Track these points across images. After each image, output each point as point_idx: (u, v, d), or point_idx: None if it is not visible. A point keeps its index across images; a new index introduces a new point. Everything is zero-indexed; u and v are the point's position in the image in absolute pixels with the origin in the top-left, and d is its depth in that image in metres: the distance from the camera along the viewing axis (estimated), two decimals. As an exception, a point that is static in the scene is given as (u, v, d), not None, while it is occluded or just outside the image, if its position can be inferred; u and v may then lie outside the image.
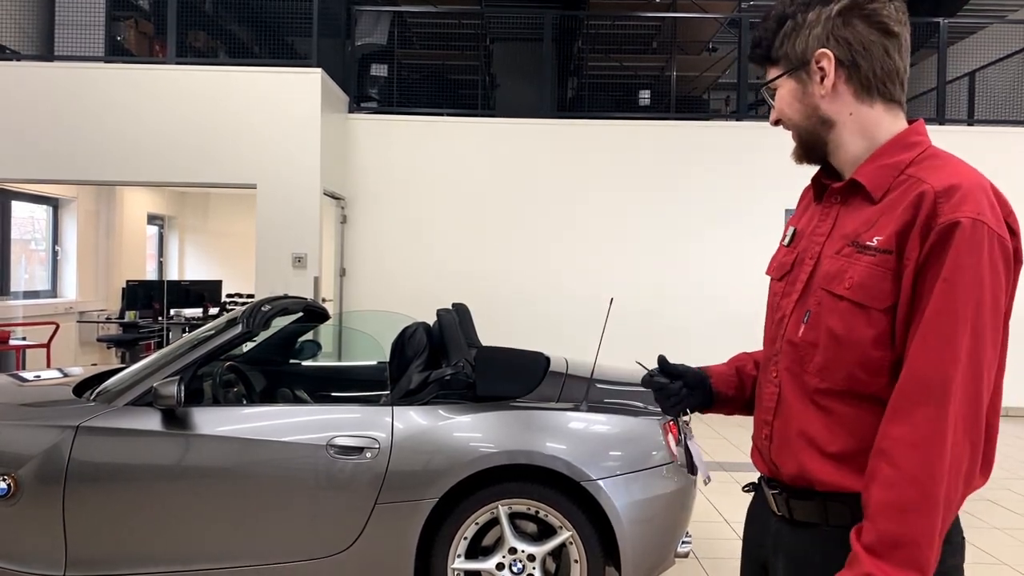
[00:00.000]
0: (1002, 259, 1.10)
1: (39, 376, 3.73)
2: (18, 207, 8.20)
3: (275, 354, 4.33)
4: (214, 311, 8.98)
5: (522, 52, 10.67)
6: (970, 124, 8.52)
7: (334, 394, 4.37)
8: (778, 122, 1.33)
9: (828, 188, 1.31)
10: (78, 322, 8.93)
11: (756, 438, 1.37)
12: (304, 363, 4.46)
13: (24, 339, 7.37)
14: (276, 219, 6.87)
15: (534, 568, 2.97)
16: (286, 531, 2.93)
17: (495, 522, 3.01)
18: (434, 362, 3.56)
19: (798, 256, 1.32)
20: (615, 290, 7.85)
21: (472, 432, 2.97)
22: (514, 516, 3.01)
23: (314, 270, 6.90)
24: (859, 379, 1.18)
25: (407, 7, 8.90)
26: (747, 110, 8.58)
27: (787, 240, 1.37)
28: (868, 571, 1.06)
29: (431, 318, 4.02)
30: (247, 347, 4.24)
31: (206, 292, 9.03)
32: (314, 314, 4.11)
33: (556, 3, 9.93)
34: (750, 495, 1.45)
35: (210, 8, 7.84)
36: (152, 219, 11.09)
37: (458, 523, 2.96)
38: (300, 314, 4.11)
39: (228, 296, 9.66)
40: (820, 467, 1.21)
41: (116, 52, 7.29)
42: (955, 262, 1.08)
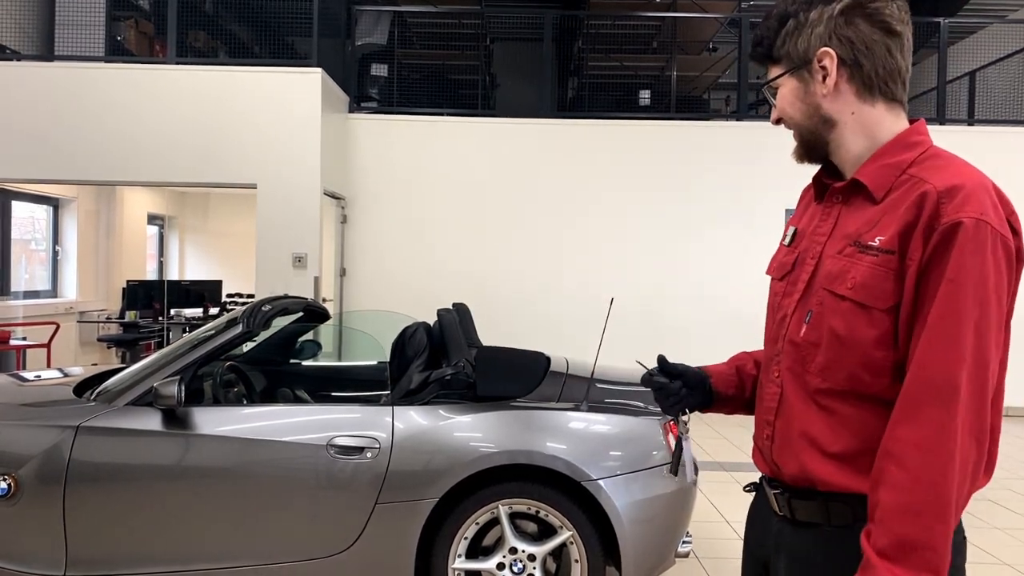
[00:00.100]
0: (1005, 259, 1.10)
1: (39, 376, 3.73)
2: (18, 207, 8.20)
3: (275, 354, 4.33)
4: (214, 311, 8.97)
5: (522, 52, 10.67)
6: (970, 124, 8.51)
7: (334, 394, 4.37)
8: (779, 121, 1.33)
9: (829, 188, 1.30)
10: (78, 322, 8.93)
11: (757, 438, 1.36)
12: (304, 363, 4.45)
13: (24, 339, 7.37)
14: (276, 219, 6.87)
15: (534, 568, 2.97)
16: (286, 531, 2.93)
17: (495, 522, 3.01)
18: (434, 362, 3.56)
19: (799, 256, 1.31)
20: (615, 290, 7.85)
21: (472, 432, 2.97)
22: (514, 516, 3.01)
23: (314, 270, 6.90)
24: (861, 379, 1.17)
25: (407, 7, 8.89)
26: (747, 110, 8.57)
27: (787, 240, 1.37)
28: None
29: (431, 318, 4.02)
30: (247, 347, 4.24)
31: (206, 292, 9.03)
32: (314, 314, 4.11)
33: (556, 3, 9.93)
34: (750, 495, 1.45)
35: (210, 8, 7.83)
36: (152, 219, 11.09)
37: (458, 523, 2.96)
38: (300, 314, 4.10)
39: (228, 296, 9.66)
40: (822, 467, 1.21)
41: (116, 52, 7.29)
42: (959, 262, 1.08)
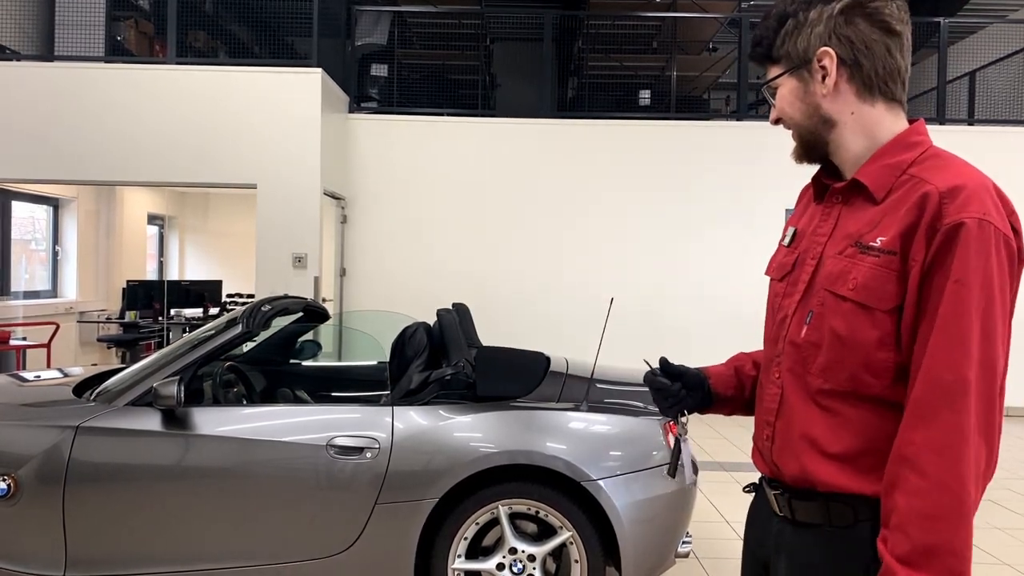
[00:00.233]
0: (1008, 259, 1.10)
1: (39, 376, 3.73)
2: (18, 207, 8.20)
3: (275, 354, 4.32)
4: (214, 311, 8.97)
5: (522, 52, 10.67)
6: (970, 124, 8.51)
7: (334, 394, 4.37)
8: (778, 121, 1.33)
9: (829, 188, 1.30)
10: (78, 322, 8.92)
11: (757, 439, 1.36)
12: (304, 363, 4.45)
13: (24, 339, 7.37)
14: (276, 219, 6.87)
15: (534, 568, 2.97)
16: (286, 531, 2.93)
17: (495, 522, 3.00)
18: (434, 362, 3.55)
19: (799, 256, 1.31)
20: (615, 290, 7.85)
21: (472, 432, 2.97)
22: (514, 516, 3.01)
23: (314, 270, 6.89)
24: (862, 380, 1.17)
25: (407, 7, 8.89)
26: (747, 110, 8.57)
27: (787, 240, 1.37)
28: None
29: (431, 318, 4.02)
30: (247, 347, 4.24)
31: (206, 292, 9.03)
32: (314, 314, 4.11)
33: (556, 3, 9.93)
34: (750, 495, 1.45)
35: (210, 8, 7.83)
36: (152, 219, 11.09)
37: (458, 523, 2.96)
38: (300, 314, 4.10)
39: (228, 296, 9.66)
40: (822, 468, 1.20)
41: (116, 52, 7.28)
42: (963, 263, 1.07)
